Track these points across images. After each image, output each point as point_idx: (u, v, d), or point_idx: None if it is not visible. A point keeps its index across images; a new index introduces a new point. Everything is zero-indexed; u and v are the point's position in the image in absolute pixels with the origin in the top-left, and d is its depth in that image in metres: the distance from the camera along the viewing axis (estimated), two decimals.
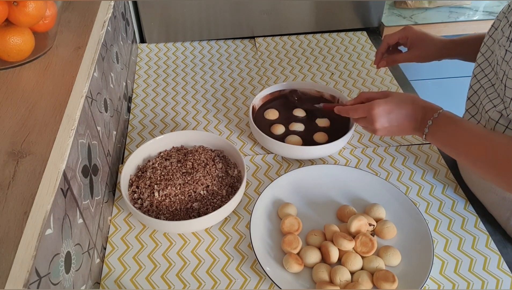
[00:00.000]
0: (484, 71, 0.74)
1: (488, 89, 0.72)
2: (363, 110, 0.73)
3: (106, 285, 0.68)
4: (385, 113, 0.70)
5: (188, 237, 0.75)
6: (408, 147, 0.90)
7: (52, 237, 0.48)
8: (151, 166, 0.79)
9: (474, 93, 0.76)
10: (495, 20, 0.74)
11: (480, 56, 0.76)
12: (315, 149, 0.83)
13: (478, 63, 0.76)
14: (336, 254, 0.68)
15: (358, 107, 0.74)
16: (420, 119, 0.69)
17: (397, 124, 0.71)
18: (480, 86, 0.74)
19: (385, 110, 0.70)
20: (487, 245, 0.73)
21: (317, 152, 0.85)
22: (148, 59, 1.18)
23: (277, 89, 0.97)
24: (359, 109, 0.74)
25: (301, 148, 0.83)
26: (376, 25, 1.29)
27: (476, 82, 0.76)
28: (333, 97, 0.95)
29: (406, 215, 0.75)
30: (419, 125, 0.69)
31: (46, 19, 0.63)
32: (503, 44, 0.66)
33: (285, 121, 0.91)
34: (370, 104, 0.72)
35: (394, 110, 0.70)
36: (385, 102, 0.71)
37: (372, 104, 0.71)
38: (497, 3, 1.42)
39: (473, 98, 0.76)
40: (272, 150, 0.87)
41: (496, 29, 0.73)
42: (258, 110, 0.94)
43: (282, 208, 0.76)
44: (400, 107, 0.70)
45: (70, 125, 0.55)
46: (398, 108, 0.70)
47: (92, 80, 0.70)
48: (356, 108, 0.75)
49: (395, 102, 0.71)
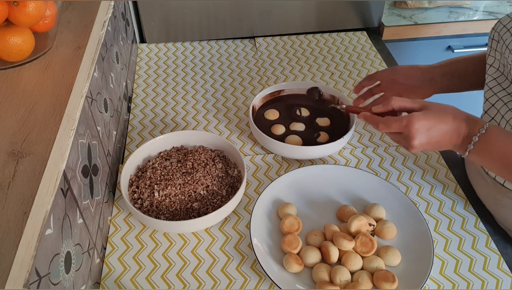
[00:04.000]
0: (501, 84, 0.71)
1: (509, 103, 0.68)
2: (399, 125, 0.64)
3: (106, 285, 0.68)
4: (424, 130, 0.63)
5: (188, 237, 0.75)
6: None
7: (52, 237, 0.48)
8: (151, 166, 0.79)
9: (491, 106, 0.72)
10: (494, 32, 0.73)
11: (493, 70, 0.73)
12: (314, 149, 0.83)
13: (489, 74, 0.74)
14: (336, 254, 0.68)
15: (391, 120, 0.65)
16: (464, 135, 0.63)
17: (436, 141, 0.64)
18: (498, 99, 0.71)
19: (424, 126, 0.62)
20: (487, 245, 0.73)
21: (317, 152, 0.85)
22: (148, 59, 1.18)
23: (277, 89, 0.97)
24: (394, 124, 0.65)
25: (301, 148, 0.83)
26: (376, 25, 1.29)
27: (493, 94, 0.72)
28: (333, 97, 0.95)
29: (406, 215, 0.75)
30: (462, 141, 0.63)
31: (46, 19, 0.63)
32: None
33: (285, 121, 0.91)
34: (407, 119, 0.63)
35: (435, 125, 0.63)
36: (425, 116, 0.63)
37: (410, 119, 0.63)
38: (497, 3, 1.42)
39: (491, 111, 0.72)
40: (272, 150, 0.87)
41: (498, 42, 0.71)
42: (258, 111, 0.94)
43: (282, 208, 0.76)
44: (441, 122, 0.63)
45: (70, 125, 0.55)
46: (439, 123, 0.63)
47: (92, 80, 0.70)
48: (389, 122, 0.65)
49: (436, 116, 0.63)
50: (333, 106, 0.87)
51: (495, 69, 0.73)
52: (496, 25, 0.74)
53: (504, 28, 0.71)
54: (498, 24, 0.73)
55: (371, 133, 0.94)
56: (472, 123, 0.63)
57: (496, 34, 0.73)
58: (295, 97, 0.97)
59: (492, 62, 0.74)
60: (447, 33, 1.34)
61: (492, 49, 0.74)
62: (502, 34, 0.70)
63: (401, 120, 0.64)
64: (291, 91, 0.98)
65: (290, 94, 0.98)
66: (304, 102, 0.95)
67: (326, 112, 0.93)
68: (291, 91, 0.98)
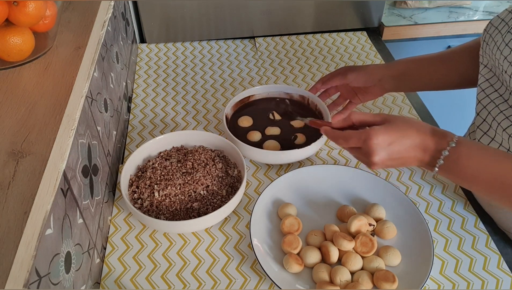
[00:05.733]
0: (494, 86, 0.71)
1: (501, 105, 0.67)
2: (357, 139, 0.61)
3: (106, 285, 0.68)
4: (385, 145, 0.58)
5: (188, 237, 0.75)
6: None
7: (52, 237, 0.48)
8: (151, 166, 0.79)
9: (483, 108, 0.71)
10: (485, 34, 0.73)
11: (486, 70, 0.73)
12: (292, 153, 0.81)
13: (482, 75, 0.73)
14: (336, 254, 0.68)
15: (350, 135, 0.62)
16: (431, 150, 0.59)
17: (398, 157, 0.59)
18: (490, 101, 0.70)
19: (385, 141, 0.58)
20: (487, 245, 0.73)
21: (295, 155, 0.82)
22: (148, 59, 1.18)
23: (247, 95, 0.95)
24: (352, 138, 0.61)
25: (278, 153, 0.81)
26: (376, 25, 1.29)
27: (485, 96, 0.71)
28: (303, 98, 0.95)
29: (406, 215, 0.75)
30: (430, 157, 0.59)
31: (46, 19, 0.63)
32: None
33: (260, 127, 0.90)
34: (366, 133, 0.59)
35: (397, 140, 0.58)
36: (386, 130, 0.59)
37: (369, 133, 0.59)
38: (497, 3, 1.42)
39: (482, 113, 0.71)
40: (253, 158, 0.85)
41: (488, 44, 0.71)
42: (232, 119, 0.92)
43: (282, 208, 0.76)
44: (404, 136, 0.59)
45: (70, 125, 0.55)
46: (401, 138, 0.59)
47: (92, 80, 0.70)
48: (348, 137, 0.62)
49: (398, 130, 0.59)
50: (299, 119, 0.87)
51: (488, 70, 0.73)
52: (487, 27, 0.73)
53: (496, 30, 0.71)
54: (490, 25, 0.73)
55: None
56: (440, 136, 0.59)
57: (487, 35, 0.72)
58: (266, 101, 0.96)
59: (487, 63, 0.74)
60: (447, 33, 1.33)
61: (483, 50, 0.74)
62: (494, 36, 0.70)
63: (360, 134, 0.60)
64: (261, 95, 0.97)
65: (260, 99, 0.97)
66: (276, 106, 0.95)
67: (299, 113, 0.92)
68: (261, 96, 0.97)
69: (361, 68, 0.85)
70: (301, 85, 1.09)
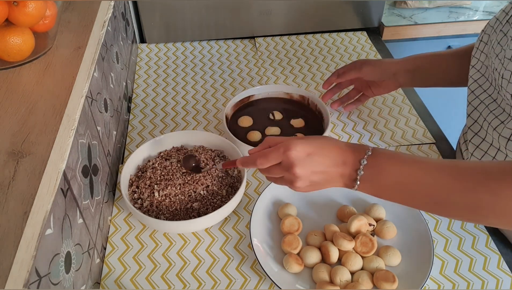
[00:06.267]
0: (482, 86, 0.71)
1: (490, 105, 0.68)
2: (276, 153, 0.58)
3: (106, 285, 0.68)
4: (304, 154, 0.57)
5: (188, 237, 0.75)
6: (408, 147, 0.90)
7: (52, 237, 0.49)
8: (151, 166, 0.79)
9: (474, 109, 0.72)
10: (483, 34, 0.73)
11: (474, 71, 0.73)
12: None
13: (470, 76, 0.74)
14: (336, 254, 0.68)
15: (268, 151, 0.59)
16: (350, 162, 0.57)
17: (321, 170, 0.58)
18: (480, 102, 0.71)
19: (304, 150, 0.57)
20: (487, 245, 0.73)
21: None
22: (148, 59, 1.18)
23: (247, 95, 0.96)
24: (271, 153, 0.59)
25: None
26: (376, 25, 1.29)
27: (475, 98, 0.72)
28: (303, 98, 0.95)
29: (406, 215, 0.75)
30: (350, 168, 0.57)
31: (46, 19, 0.63)
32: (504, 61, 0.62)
33: (260, 127, 0.90)
34: (284, 145, 0.58)
35: (317, 151, 0.57)
36: (304, 141, 0.58)
37: (287, 145, 0.57)
38: (497, 3, 1.42)
39: (473, 114, 0.72)
40: None
41: (486, 44, 0.71)
42: (232, 119, 0.93)
43: (282, 208, 0.76)
44: (323, 148, 0.58)
45: (70, 125, 0.55)
46: (320, 149, 0.58)
47: (92, 80, 0.70)
48: (266, 154, 0.59)
49: (316, 141, 0.59)
50: (208, 169, 0.77)
51: (476, 70, 0.73)
52: (485, 27, 0.73)
53: (492, 29, 0.71)
54: (488, 26, 0.73)
55: (370, 133, 0.94)
56: (358, 148, 0.58)
57: (485, 36, 0.72)
58: (265, 101, 0.97)
59: (474, 64, 0.74)
60: (447, 33, 1.34)
61: (478, 50, 0.74)
62: (490, 35, 0.70)
63: (278, 148, 0.58)
64: (261, 95, 0.98)
65: (260, 99, 0.98)
66: (276, 105, 0.95)
67: (299, 113, 0.93)
68: (261, 96, 0.98)
69: (376, 62, 0.87)
70: (301, 85, 1.09)
